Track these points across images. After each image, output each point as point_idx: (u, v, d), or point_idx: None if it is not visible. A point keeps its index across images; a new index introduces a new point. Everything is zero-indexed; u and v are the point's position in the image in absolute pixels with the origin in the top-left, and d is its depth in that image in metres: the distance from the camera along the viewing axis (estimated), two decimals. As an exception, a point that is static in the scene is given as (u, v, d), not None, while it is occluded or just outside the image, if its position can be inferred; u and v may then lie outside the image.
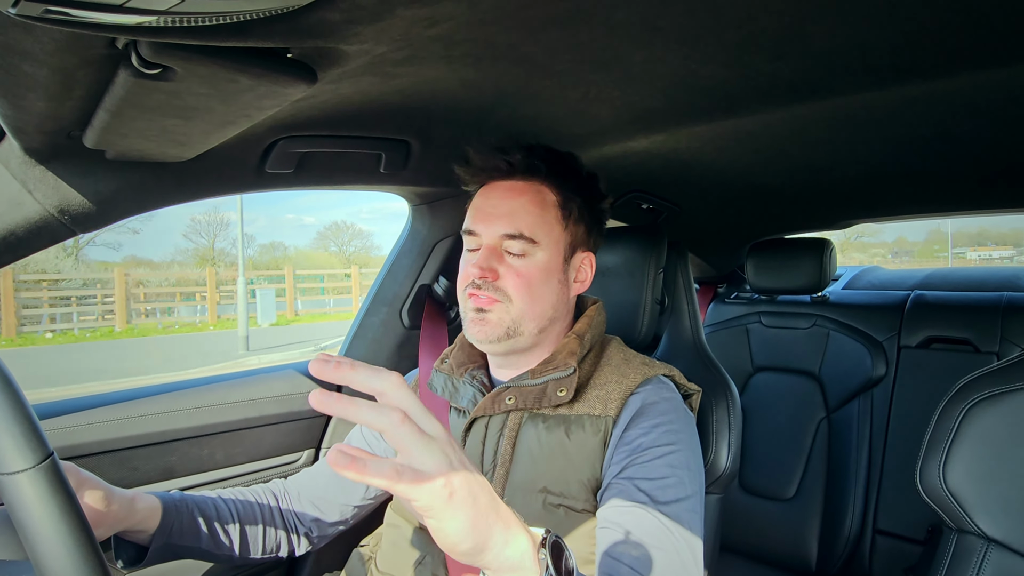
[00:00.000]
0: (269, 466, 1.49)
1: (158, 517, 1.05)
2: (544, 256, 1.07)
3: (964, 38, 0.81)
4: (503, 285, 1.05)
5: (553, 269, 1.08)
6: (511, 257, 1.07)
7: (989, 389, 1.00)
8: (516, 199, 1.08)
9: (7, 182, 0.93)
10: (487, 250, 1.07)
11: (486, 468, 1.08)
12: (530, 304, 1.06)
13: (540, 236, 1.07)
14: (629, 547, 0.90)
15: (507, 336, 1.06)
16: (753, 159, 1.48)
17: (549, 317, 1.09)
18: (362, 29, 0.67)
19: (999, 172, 1.54)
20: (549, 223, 1.08)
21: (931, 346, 2.20)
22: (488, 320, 1.06)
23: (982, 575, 0.93)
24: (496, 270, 1.05)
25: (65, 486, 0.65)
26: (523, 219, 1.06)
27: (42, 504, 0.63)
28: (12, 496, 0.63)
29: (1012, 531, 0.93)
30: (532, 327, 1.08)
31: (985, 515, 0.95)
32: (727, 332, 2.58)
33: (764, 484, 2.31)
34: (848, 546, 2.15)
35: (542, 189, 1.09)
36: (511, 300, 1.05)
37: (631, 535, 0.91)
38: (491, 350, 1.12)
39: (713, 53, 0.87)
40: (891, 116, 1.14)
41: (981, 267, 2.70)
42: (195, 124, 0.86)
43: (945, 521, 1.01)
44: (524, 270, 1.06)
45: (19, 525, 0.63)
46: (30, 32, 0.58)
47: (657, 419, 1.03)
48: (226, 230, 36.16)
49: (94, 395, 1.31)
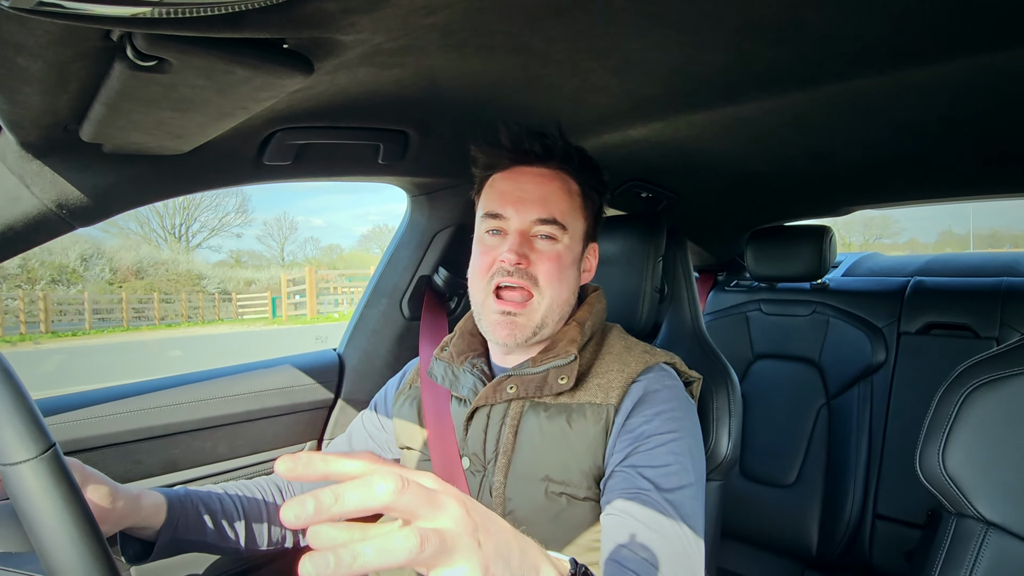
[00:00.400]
0: (272, 458, 1.50)
1: (163, 513, 1.05)
2: (570, 243, 1.08)
3: (960, 23, 0.81)
4: (535, 272, 1.05)
5: (576, 258, 1.10)
6: (540, 241, 1.06)
7: (988, 374, 1.00)
8: (547, 185, 1.08)
9: (4, 177, 0.93)
10: (519, 235, 1.06)
11: (488, 457, 1.08)
12: (558, 292, 1.06)
13: (569, 222, 1.07)
14: (634, 534, 0.90)
15: (534, 335, 1.07)
16: (752, 146, 1.48)
17: (570, 305, 1.10)
18: (359, 19, 0.67)
19: (997, 156, 1.54)
20: (575, 211, 1.09)
21: (931, 332, 2.20)
22: (517, 323, 1.05)
23: (981, 558, 0.94)
24: (529, 256, 1.05)
25: (68, 476, 0.65)
26: (556, 205, 1.06)
27: (45, 494, 0.63)
28: (15, 487, 0.64)
29: (1011, 515, 0.93)
30: (556, 317, 1.08)
31: (984, 499, 0.96)
32: (727, 320, 2.58)
33: (765, 471, 2.32)
34: (848, 531, 2.16)
35: (566, 178, 1.10)
36: (541, 290, 1.05)
37: (636, 522, 0.91)
38: (516, 348, 1.11)
39: (711, 40, 0.87)
40: (890, 101, 1.14)
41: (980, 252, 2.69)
42: (192, 116, 0.86)
43: (944, 505, 1.02)
44: (554, 255, 1.06)
45: (23, 516, 0.64)
46: (24, 25, 0.58)
47: (659, 407, 1.03)
48: (294, 233, 38.39)
49: (97, 389, 1.31)
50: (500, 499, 1.04)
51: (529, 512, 1.02)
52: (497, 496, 1.05)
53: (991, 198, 2.14)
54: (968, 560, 0.95)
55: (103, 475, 0.97)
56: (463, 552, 0.50)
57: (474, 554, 0.51)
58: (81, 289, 23.19)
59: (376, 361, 1.63)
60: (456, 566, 0.50)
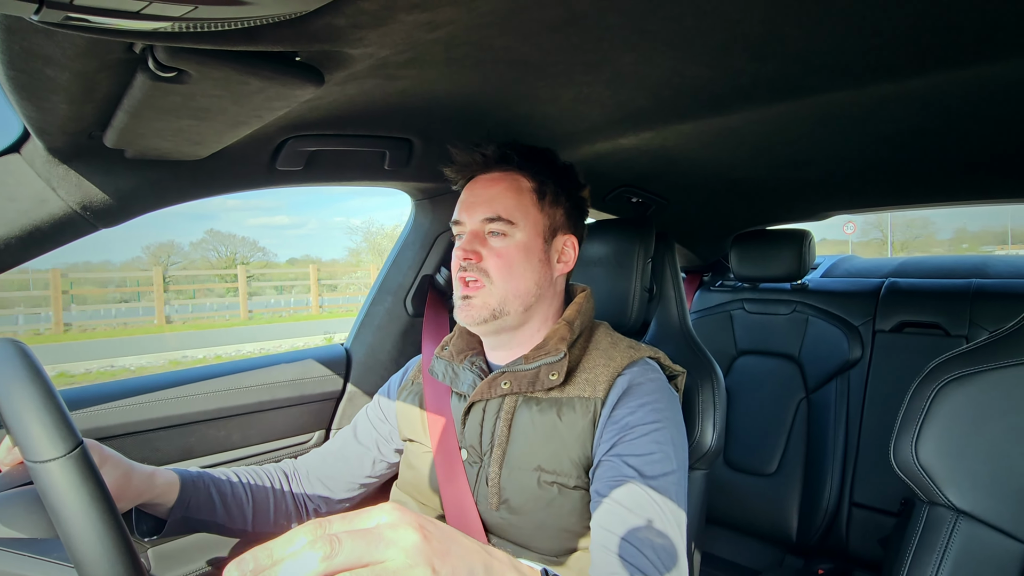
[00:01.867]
0: (282, 446, 1.50)
1: (176, 491, 1.07)
2: (523, 236, 1.09)
3: (933, 40, 0.81)
4: (486, 266, 1.08)
5: (533, 248, 1.10)
6: (493, 239, 1.09)
7: (959, 370, 1.01)
8: (495, 187, 1.11)
9: (32, 180, 0.93)
10: (471, 235, 1.10)
11: (484, 448, 1.09)
12: (511, 283, 1.08)
13: (517, 218, 1.09)
14: (620, 519, 0.91)
15: (493, 317, 1.08)
16: (736, 155, 1.48)
17: (534, 295, 1.10)
18: (366, 33, 0.67)
19: (966, 165, 1.55)
20: (525, 206, 1.10)
21: (904, 330, 2.21)
22: (473, 304, 1.08)
23: (952, 545, 0.94)
24: (479, 252, 1.08)
25: (94, 474, 0.65)
26: (501, 203, 1.09)
27: (72, 491, 0.63)
28: (44, 482, 0.64)
29: (979, 503, 0.94)
30: (517, 305, 1.09)
31: (954, 488, 0.96)
32: (712, 318, 2.58)
33: (747, 461, 2.32)
34: (826, 518, 2.16)
35: (517, 177, 1.12)
36: (492, 281, 1.08)
37: (621, 508, 0.92)
38: (479, 331, 1.13)
39: (698, 55, 0.87)
40: (866, 113, 1.14)
41: (951, 255, 2.70)
42: (209, 124, 0.86)
43: (917, 494, 1.02)
44: (504, 251, 1.08)
45: (51, 510, 0.64)
46: (52, 38, 0.58)
47: (644, 399, 1.03)
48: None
49: (119, 381, 1.31)
50: (495, 488, 1.05)
51: (523, 500, 1.03)
52: (493, 485, 1.05)
53: (962, 204, 2.15)
54: (940, 546, 0.95)
55: (120, 455, 0.99)
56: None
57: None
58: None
59: (381, 355, 1.63)
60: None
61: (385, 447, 1.27)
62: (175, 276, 26.96)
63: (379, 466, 1.28)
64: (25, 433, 0.65)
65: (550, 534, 1.02)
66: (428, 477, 1.15)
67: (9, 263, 0.96)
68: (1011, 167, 1.54)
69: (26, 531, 0.77)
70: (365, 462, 1.27)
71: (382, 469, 1.28)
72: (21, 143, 0.93)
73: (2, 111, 0.82)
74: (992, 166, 1.54)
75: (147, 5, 0.47)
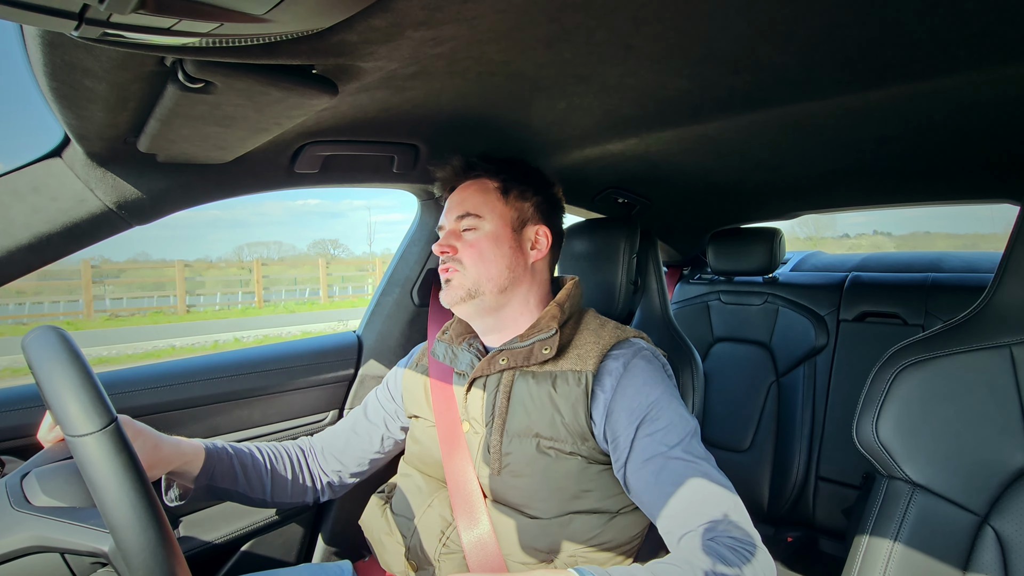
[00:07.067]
0: (299, 425, 1.50)
1: (201, 460, 1.08)
2: (491, 227, 1.13)
3: (893, 55, 0.82)
4: (460, 256, 1.12)
5: (503, 237, 1.13)
6: (466, 233, 1.13)
7: (915, 356, 1.01)
8: (466, 191, 1.17)
9: (72, 182, 0.94)
10: (448, 233, 1.15)
11: (487, 420, 1.10)
12: (482, 267, 1.11)
13: (484, 212, 1.13)
14: (675, 495, 0.91)
15: (469, 297, 1.11)
16: (714, 159, 1.48)
17: (507, 278, 1.12)
18: (377, 48, 0.68)
19: (924, 169, 1.55)
20: (491, 202, 1.15)
21: (866, 320, 2.22)
22: (451, 286, 1.12)
23: (909, 515, 0.95)
24: (455, 246, 1.12)
25: (127, 447, 0.66)
26: (469, 202, 1.14)
27: (107, 463, 0.64)
28: (81, 455, 0.64)
29: (934, 477, 0.95)
30: (490, 286, 1.11)
31: (911, 464, 0.97)
32: (691, 308, 2.59)
33: (723, 438, 2.33)
34: (795, 491, 2.18)
35: (484, 180, 1.17)
36: (466, 267, 1.11)
37: (666, 483, 0.93)
38: (460, 312, 1.16)
39: (679, 68, 0.88)
40: (832, 122, 1.14)
41: (908, 251, 2.71)
42: (233, 131, 0.86)
43: (878, 469, 1.03)
44: (475, 241, 1.12)
45: (88, 480, 0.64)
46: (90, 52, 0.59)
47: (641, 377, 1.04)
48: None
49: (153, 364, 1.32)
50: (497, 455, 1.06)
51: (523, 464, 1.04)
52: (495, 452, 1.06)
53: (921, 205, 2.15)
54: (898, 516, 0.96)
55: (150, 428, 1.00)
56: None
57: None
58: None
59: (390, 342, 1.63)
60: None
61: (392, 424, 1.28)
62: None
63: (387, 442, 1.29)
64: (64, 410, 0.65)
65: (546, 495, 1.03)
66: (432, 449, 1.16)
67: (51, 257, 0.96)
68: (964, 171, 1.55)
69: (67, 500, 0.78)
70: (375, 438, 1.28)
71: (390, 445, 1.29)
72: (62, 148, 0.94)
73: (45, 119, 0.82)
74: (948, 171, 1.55)
75: (177, 22, 0.47)
